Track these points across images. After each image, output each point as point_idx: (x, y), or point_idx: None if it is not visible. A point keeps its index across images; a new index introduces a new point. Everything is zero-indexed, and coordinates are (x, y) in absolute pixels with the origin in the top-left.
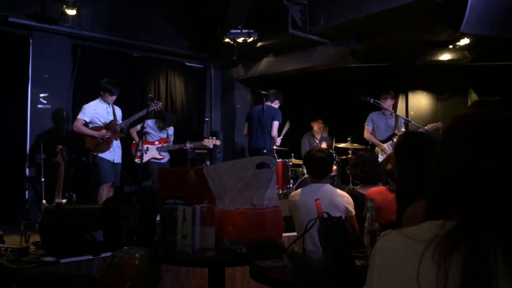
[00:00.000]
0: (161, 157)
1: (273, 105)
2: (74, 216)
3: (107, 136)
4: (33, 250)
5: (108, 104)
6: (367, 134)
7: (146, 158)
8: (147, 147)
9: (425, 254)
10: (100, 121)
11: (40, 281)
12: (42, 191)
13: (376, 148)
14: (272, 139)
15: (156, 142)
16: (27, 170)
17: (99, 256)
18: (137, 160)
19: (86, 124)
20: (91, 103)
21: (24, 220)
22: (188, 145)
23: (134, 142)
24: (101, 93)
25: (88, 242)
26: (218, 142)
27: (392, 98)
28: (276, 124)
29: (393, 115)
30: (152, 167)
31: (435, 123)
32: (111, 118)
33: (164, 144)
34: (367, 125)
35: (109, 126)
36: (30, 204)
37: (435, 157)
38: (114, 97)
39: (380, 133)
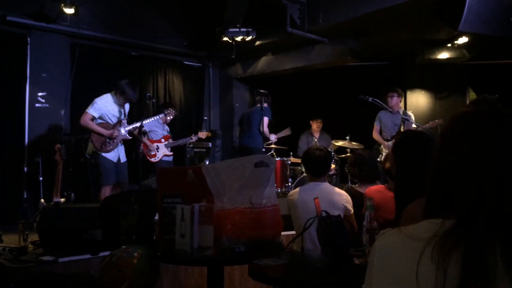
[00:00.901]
0: (170, 153)
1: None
2: (72, 215)
3: (115, 136)
4: (31, 249)
5: (119, 105)
6: (374, 134)
7: (159, 155)
8: (157, 145)
9: (424, 253)
10: (110, 119)
11: (38, 280)
12: (40, 190)
13: (381, 146)
14: (262, 134)
15: (162, 140)
16: (25, 169)
17: (97, 255)
18: (152, 159)
19: (93, 119)
20: (104, 96)
21: (22, 219)
22: (194, 138)
23: (144, 143)
24: (117, 91)
25: (87, 241)
26: (209, 134)
27: (399, 95)
28: (266, 120)
29: (400, 112)
30: (162, 165)
31: (436, 120)
32: (122, 117)
33: (170, 141)
34: (375, 124)
35: (118, 126)
36: (28, 203)
37: (435, 155)
38: (126, 102)
39: (387, 131)
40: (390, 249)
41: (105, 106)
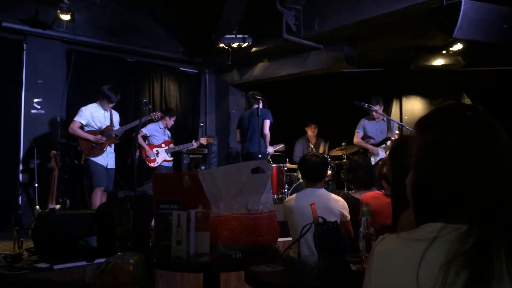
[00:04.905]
0: (171, 159)
1: (261, 106)
2: (67, 222)
3: (101, 141)
4: (26, 256)
5: (106, 110)
6: (356, 140)
7: (159, 161)
8: (157, 150)
9: (425, 255)
10: (96, 125)
11: (33, 287)
12: (35, 197)
13: (368, 153)
14: (264, 137)
15: (163, 145)
16: (20, 175)
17: (93, 262)
18: (152, 164)
19: (82, 127)
20: (89, 106)
21: (17, 226)
22: (195, 144)
23: (143, 148)
24: (100, 98)
25: (82, 248)
26: (211, 140)
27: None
28: (267, 122)
29: (385, 119)
30: (161, 171)
31: None
32: (108, 123)
33: (171, 146)
34: (358, 131)
35: (104, 131)
36: (23, 210)
37: (432, 160)
38: (111, 105)
39: (371, 139)
40: (389, 254)
41: (90, 113)
